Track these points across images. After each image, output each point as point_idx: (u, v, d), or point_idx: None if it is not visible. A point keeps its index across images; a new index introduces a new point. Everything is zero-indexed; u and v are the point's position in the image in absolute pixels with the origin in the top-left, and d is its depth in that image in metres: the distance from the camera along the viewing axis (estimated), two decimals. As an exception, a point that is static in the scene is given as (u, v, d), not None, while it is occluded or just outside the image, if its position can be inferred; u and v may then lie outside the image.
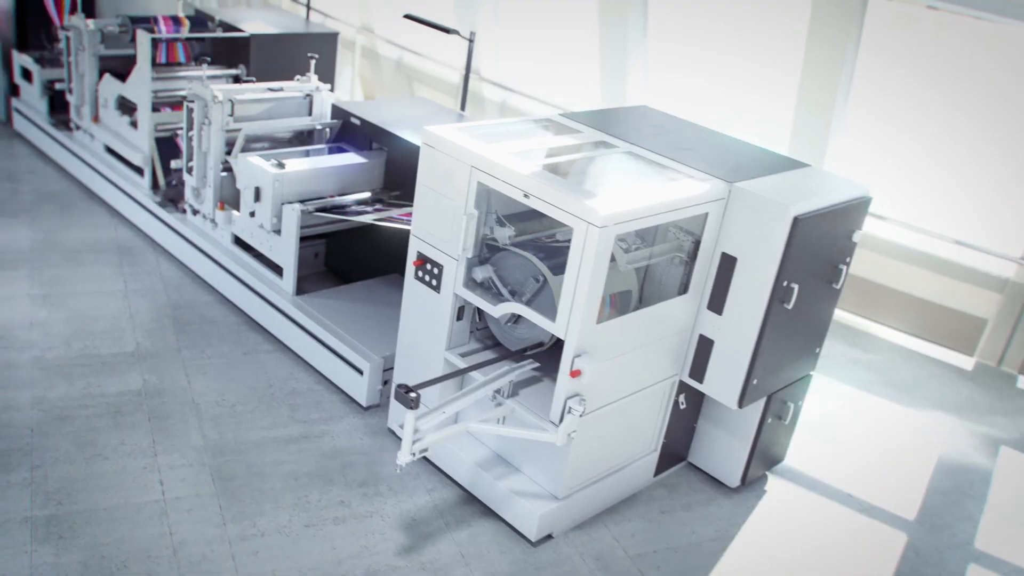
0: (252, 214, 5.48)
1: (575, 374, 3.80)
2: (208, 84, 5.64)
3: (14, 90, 8.04)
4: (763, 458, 4.87)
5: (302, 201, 5.38)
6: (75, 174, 7.29)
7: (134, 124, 6.56)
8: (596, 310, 3.78)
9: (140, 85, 6.34)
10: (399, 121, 5.83)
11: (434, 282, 4.34)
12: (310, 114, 6.16)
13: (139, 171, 6.60)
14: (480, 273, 4.20)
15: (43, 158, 7.64)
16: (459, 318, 4.38)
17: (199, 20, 6.79)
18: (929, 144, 7.05)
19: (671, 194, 3.93)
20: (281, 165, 5.32)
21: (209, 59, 5.96)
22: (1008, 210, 6.87)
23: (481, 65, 9.33)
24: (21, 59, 7.71)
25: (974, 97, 6.75)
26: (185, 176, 5.96)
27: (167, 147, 6.51)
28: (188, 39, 6.67)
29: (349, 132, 6.00)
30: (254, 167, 5.34)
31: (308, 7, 7.61)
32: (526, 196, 3.82)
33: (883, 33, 6.79)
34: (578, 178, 3.94)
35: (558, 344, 4.14)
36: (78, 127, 7.15)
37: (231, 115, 5.68)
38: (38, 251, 6.13)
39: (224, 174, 5.84)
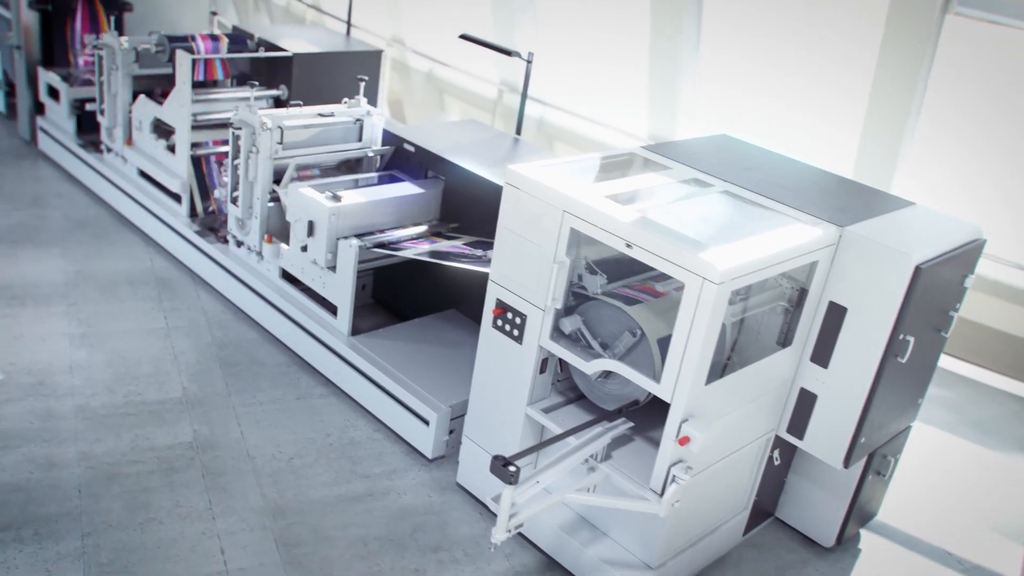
0: (304, 248, 5.16)
1: (684, 441, 3.47)
2: (256, 110, 5.32)
3: (39, 108, 7.72)
4: (859, 515, 4.54)
5: (358, 235, 5.06)
6: (106, 199, 6.96)
7: (171, 148, 6.23)
8: (706, 371, 3.46)
9: (179, 108, 6.01)
10: (454, 147, 5.51)
11: (516, 332, 4.01)
12: (360, 139, 5.83)
13: (176, 198, 6.27)
14: (568, 325, 3.87)
15: (71, 181, 7.32)
16: (541, 370, 4.05)
17: (237, 38, 6.46)
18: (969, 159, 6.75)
19: (785, 242, 3.61)
20: (337, 198, 4.99)
21: (256, 83, 5.65)
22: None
23: (519, 79, 8.99)
24: (47, 76, 7.39)
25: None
26: (229, 206, 5.64)
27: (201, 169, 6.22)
28: (229, 59, 6.33)
29: (401, 158, 5.68)
30: (308, 200, 5.01)
31: (349, 24, 7.28)
32: (628, 246, 3.49)
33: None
34: (681, 224, 3.62)
35: (652, 399, 3.83)
36: (109, 149, 6.82)
37: (280, 143, 5.36)
38: (72, 284, 5.80)
39: (271, 204, 5.52)
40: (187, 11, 8.53)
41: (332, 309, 5.21)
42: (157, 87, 6.72)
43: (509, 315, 4.02)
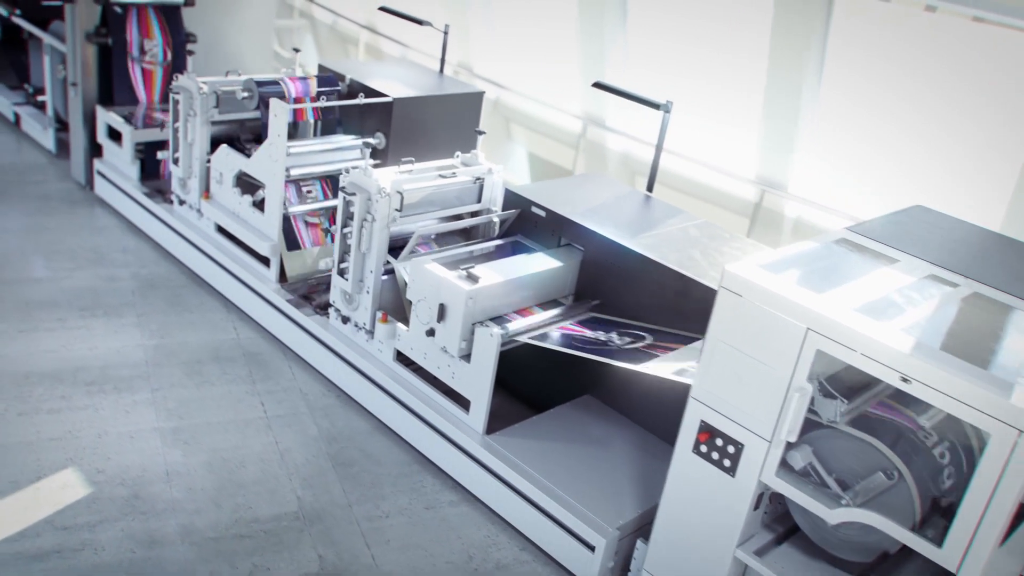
0: (430, 333, 4.49)
1: (978, 625, 2.82)
2: (371, 172, 4.67)
3: (96, 150, 7.06)
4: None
5: (494, 319, 4.41)
6: (176, 255, 6.30)
7: (258, 205, 5.58)
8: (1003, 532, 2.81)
9: (271, 163, 5.35)
10: (589, 211, 4.88)
11: (727, 462, 3.35)
12: (478, 200, 5.19)
13: (263, 260, 5.61)
14: (800, 458, 3.22)
15: (134, 232, 6.66)
16: (755, 506, 3.40)
17: (328, 80, 5.80)
18: None
19: (1087, 371, 2.95)
20: (473, 278, 4.33)
21: (372, 142, 5.04)
22: None
23: (605, 113, 8.36)
24: (107, 117, 6.73)
25: None
26: (335, 278, 4.99)
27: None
28: (329, 107, 5.67)
29: (524, 221, 5.03)
30: (439, 280, 4.36)
31: (443, 60, 6.62)
32: (905, 380, 2.84)
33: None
34: (956, 348, 2.97)
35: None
36: (182, 202, 6.16)
37: (399, 209, 4.71)
38: (154, 364, 5.15)
39: (384, 277, 4.87)
40: (248, 42, 7.90)
41: (461, 401, 4.56)
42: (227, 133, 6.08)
43: (718, 442, 3.37)
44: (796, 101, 6.83)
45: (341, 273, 4.92)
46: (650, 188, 5.38)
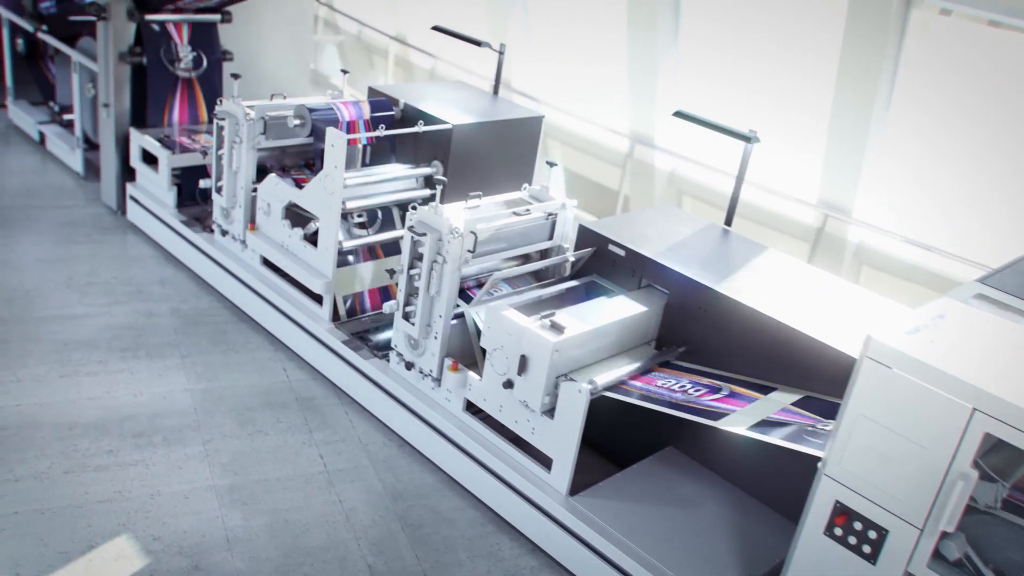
0: (508, 384, 4.17)
1: None
2: (442, 211, 4.34)
3: (129, 173, 6.74)
4: None
5: (578, 370, 4.09)
6: (218, 287, 5.98)
7: (309, 239, 5.26)
8: None
9: (327, 195, 5.02)
10: (668, 249, 4.57)
11: (866, 548, 3.03)
12: (550, 238, 4.86)
13: (315, 296, 5.29)
14: (955, 548, 2.90)
15: (171, 262, 6.33)
16: (895, 596, 3.07)
17: (381, 104, 5.48)
18: None
19: None
20: (558, 328, 4.00)
21: (432, 172, 4.71)
22: None
23: (654, 131, 8.04)
24: (142, 140, 6.40)
25: None
26: (399, 321, 4.66)
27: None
28: (389, 135, 5.34)
29: (600, 260, 4.71)
30: (521, 329, 4.02)
31: (497, 82, 6.30)
32: (1099, 474, 2.52)
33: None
34: None
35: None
36: (225, 232, 5.84)
37: (471, 250, 4.39)
38: (204, 411, 4.82)
39: (453, 322, 4.55)
40: (284, 59, 7.57)
41: (537, 456, 4.23)
42: (270, 160, 5.75)
43: (856, 525, 3.04)
44: (865, 123, 6.51)
45: (406, 317, 4.59)
46: (728, 222, 5.06)
